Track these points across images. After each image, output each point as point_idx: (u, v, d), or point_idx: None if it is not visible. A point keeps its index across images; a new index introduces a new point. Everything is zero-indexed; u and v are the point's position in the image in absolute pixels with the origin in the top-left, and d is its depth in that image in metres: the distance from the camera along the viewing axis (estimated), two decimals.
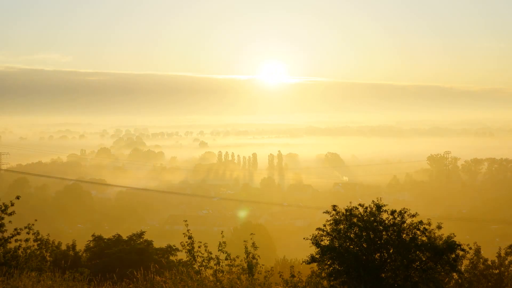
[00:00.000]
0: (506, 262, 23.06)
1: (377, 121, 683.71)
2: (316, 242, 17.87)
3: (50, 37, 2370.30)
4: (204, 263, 17.34)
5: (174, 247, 30.52)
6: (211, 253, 17.58)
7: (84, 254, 30.19)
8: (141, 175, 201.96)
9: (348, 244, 17.61)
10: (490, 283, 22.30)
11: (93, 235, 32.59)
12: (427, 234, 17.73)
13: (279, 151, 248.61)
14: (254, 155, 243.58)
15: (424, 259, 17.28)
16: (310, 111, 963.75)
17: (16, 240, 18.93)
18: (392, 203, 20.35)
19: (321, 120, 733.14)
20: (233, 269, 17.09)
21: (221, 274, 16.78)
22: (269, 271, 17.63)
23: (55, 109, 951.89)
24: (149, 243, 32.13)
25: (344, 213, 18.30)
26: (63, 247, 28.45)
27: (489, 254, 24.26)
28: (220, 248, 17.59)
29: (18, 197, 19.08)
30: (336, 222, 18.14)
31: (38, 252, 20.82)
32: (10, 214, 18.33)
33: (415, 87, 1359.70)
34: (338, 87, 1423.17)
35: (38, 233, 20.76)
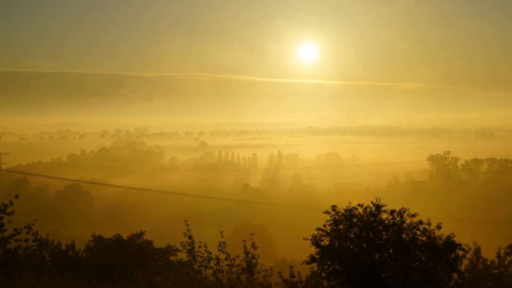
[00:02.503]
0: (506, 262, 23.05)
1: (377, 121, 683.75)
2: (316, 242, 17.86)
3: (36, 46, 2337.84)
4: (204, 263, 17.32)
5: (174, 247, 30.49)
6: (211, 253, 17.56)
7: (84, 254, 30.13)
8: (141, 175, 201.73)
9: (348, 244, 17.60)
10: (490, 283, 22.27)
11: (93, 235, 32.53)
12: (427, 234, 17.72)
13: (279, 151, 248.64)
14: (254, 155, 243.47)
15: (424, 259, 17.26)
16: (310, 111, 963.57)
17: (16, 240, 18.88)
18: (391, 203, 20.25)
19: (321, 120, 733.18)
20: (233, 269, 17.08)
21: (221, 274, 16.77)
22: (268, 271, 17.61)
23: (55, 109, 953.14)
24: (149, 243, 32.08)
25: (344, 213, 18.29)
26: (63, 247, 28.41)
27: (489, 254, 24.21)
28: (220, 248, 17.57)
29: (17, 196, 18.99)
30: (336, 222, 18.13)
31: (38, 252, 20.77)
32: (10, 213, 18.27)
33: (409, 88, 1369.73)
34: (339, 88, 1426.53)
35: (38, 233, 20.72)
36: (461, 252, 17.63)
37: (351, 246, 17.50)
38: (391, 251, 17.31)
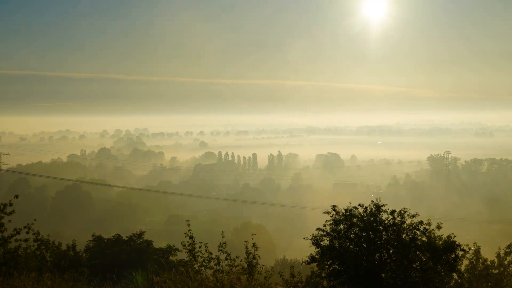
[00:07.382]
0: (506, 262, 23.06)
1: (377, 121, 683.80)
2: (316, 242, 17.85)
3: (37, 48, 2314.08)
4: (204, 263, 17.30)
5: (174, 247, 30.50)
6: (211, 253, 17.54)
7: (84, 254, 30.12)
8: (141, 175, 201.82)
9: (348, 244, 17.59)
10: (489, 283, 22.29)
11: (93, 235, 32.57)
12: (427, 234, 17.71)
13: (279, 151, 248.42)
14: (254, 155, 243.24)
15: (424, 259, 17.25)
16: (310, 111, 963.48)
17: (16, 240, 18.88)
18: (391, 203, 20.25)
19: (321, 120, 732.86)
20: (233, 269, 17.06)
21: (221, 274, 16.76)
22: (269, 271, 17.60)
23: (55, 109, 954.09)
24: (149, 243, 32.11)
25: (344, 213, 18.28)
26: (63, 247, 28.39)
27: (489, 254, 24.25)
28: (220, 248, 17.56)
29: (16, 196, 19.05)
30: (336, 222, 18.12)
31: (38, 252, 20.78)
32: (10, 213, 18.28)
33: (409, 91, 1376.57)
34: (338, 88, 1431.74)
35: (39, 233, 20.72)
36: (461, 253, 17.63)
37: (351, 246, 17.48)
38: (391, 251, 17.31)
